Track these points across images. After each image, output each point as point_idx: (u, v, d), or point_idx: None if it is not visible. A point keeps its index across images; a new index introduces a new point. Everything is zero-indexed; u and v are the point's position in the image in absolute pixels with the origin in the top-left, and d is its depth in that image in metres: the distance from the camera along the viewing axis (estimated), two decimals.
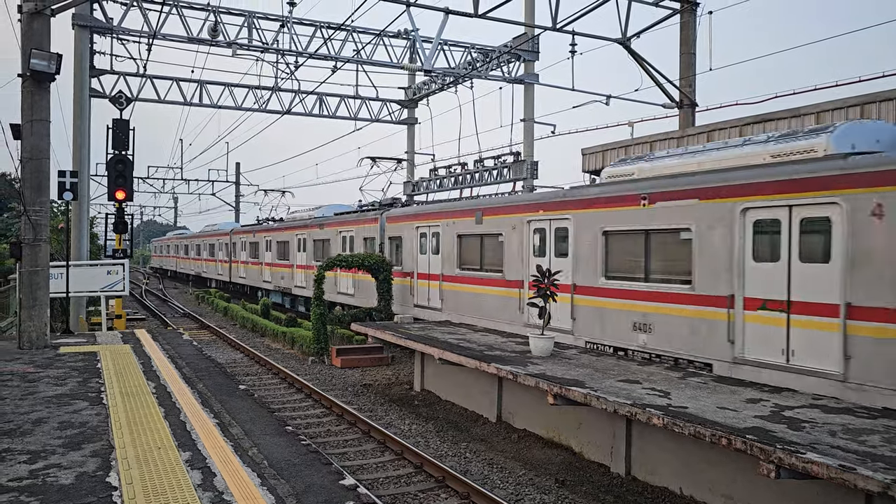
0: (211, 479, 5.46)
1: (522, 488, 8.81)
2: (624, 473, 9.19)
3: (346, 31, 22.50)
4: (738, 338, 8.90)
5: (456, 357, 11.08)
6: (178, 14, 20.94)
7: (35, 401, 8.07)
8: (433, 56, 20.76)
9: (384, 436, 10.77)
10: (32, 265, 11.85)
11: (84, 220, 22.00)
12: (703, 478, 8.17)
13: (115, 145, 17.86)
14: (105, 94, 22.95)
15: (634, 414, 7.45)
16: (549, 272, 10.76)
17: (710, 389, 8.35)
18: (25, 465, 5.72)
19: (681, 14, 18.46)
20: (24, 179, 11.85)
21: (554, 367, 9.87)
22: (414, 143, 30.91)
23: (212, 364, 11.36)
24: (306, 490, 5.42)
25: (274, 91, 26.53)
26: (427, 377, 14.61)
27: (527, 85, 24.50)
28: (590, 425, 9.96)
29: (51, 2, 11.72)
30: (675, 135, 12.97)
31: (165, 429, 6.92)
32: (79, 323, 20.18)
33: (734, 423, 6.72)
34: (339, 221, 23.44)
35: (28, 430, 6.80)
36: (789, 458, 5.77)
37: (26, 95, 11.66)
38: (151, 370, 10.31)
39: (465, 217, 15.58)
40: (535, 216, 12.89)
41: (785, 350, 8.35)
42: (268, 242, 31.09)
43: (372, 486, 8.76)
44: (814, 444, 6.02)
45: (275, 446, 6.62)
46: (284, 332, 21.63)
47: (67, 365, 10.55)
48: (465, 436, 11.30)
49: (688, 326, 9.69)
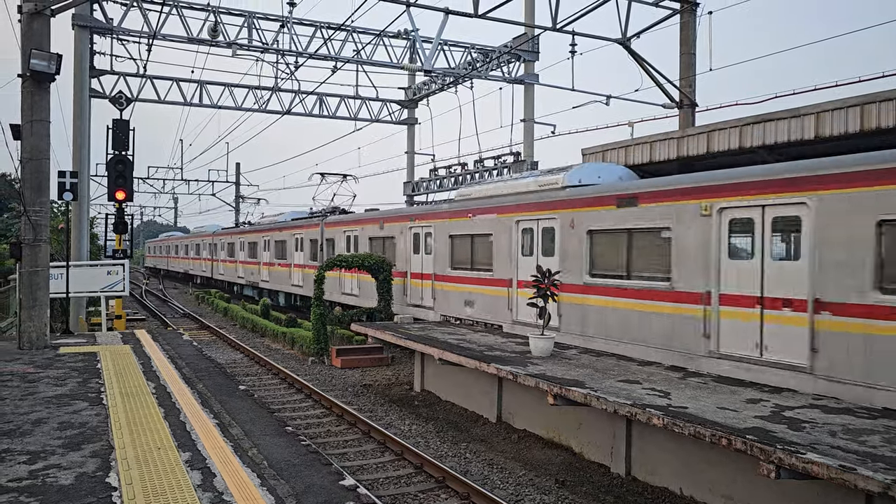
0: (211, 480, 5.46)
1: (522, 489, 8.81)
2: (624, 474, 9.19)
3: (346, 31, 22.50)
4: (514, 307, 13.75)
5: (456, 357, 11.08)
6: (178, 14, 20.95)
7: (35, 401, 8.07)
8: (433, 56, 20.75)
9: (384, 436, 10.77)
10: (32, 265, 11.85)
11: (84, 220, 22.00)
12: (703, 478, 8.17)
13: (115, 146, 17.85)
14: (105, 95, 22.96)
15: (634, 414, 7.45)
16: (550, 272, 10.76)
17: (710, 389, 8.35)
18: (25, 465, 5.71)
19: (681, 14, 18.44)
20: (24, 180, 11.84)
21: (554, 367, 9.87)
22: (414, 143, 30.94)
23: (212, 364, 11.35)
24: (306, 490, 5.42)
25: (274, 91, 26.54)
26: (427, 377, 14.60)
27: (527, 85, 24.50)
28: (590, 425, 9.96)
29: (51, 2, 11.72)
30: (675, 135, 12.95)
31: (165, 429, 6.92)
32: (79, 323, 20.18)
33: (734, 424, 6.72)
34: (292, 226, 27.80)
35: (28, 430, 6.80)
36: (789, 459, 5.77)
37: (26, 96, 11.66)
38: (151, 370, 10.31)
39: (373, 224, 20.87)
40: (414, 224, 18.07)
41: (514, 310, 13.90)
42: (241, 244, 35.44)
43: (372, 486, 8.76)
44: (814, 445, 6.02)
45: (275, 447, 6.61)
46: (284, 333, 21.63)
47: (67, 365, 10.55)
48: (465, 436, 11.30)
49: (492, 301, 14.49)
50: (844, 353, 7.76)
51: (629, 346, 10.77)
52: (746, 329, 8.90)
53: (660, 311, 10.21)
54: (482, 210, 14.98)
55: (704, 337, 9.45)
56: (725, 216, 9.27)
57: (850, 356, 7.69)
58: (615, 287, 11.12)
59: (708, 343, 9.40)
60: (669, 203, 10.15)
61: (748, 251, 9.00)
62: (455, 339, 12.79)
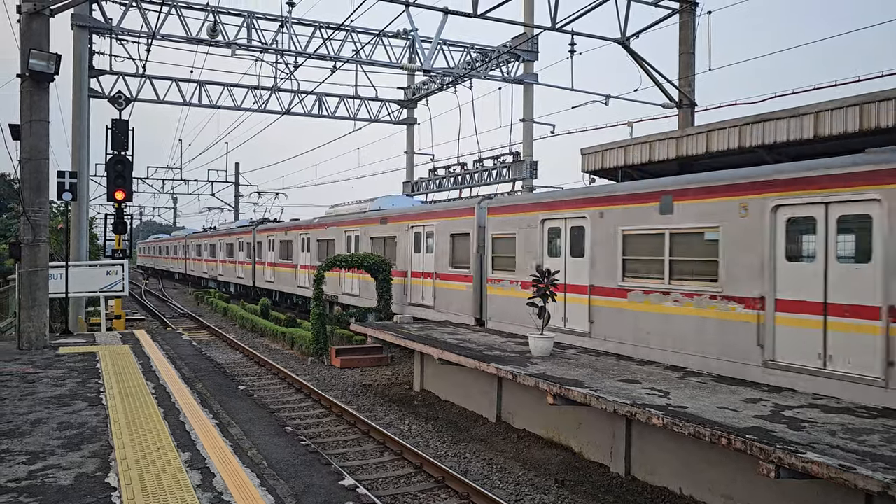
0: (210, 480, 5.46)
1: (522, 488, 8.81)
2: (624, 473, 9.19)
3: (345, 31, 22.48)
4: (410, 293, 18.28)
5: (455, 357, 11.07)
6: (178, 14, 20.93)
7: (34, 401, 8.06)
8: (432, 56, 20.74)
9: (384, 436, 10.76)
10: (32, 265, 11.84)
11: (83, 220, 21.97)
12: (702, 478, 8.17)
13: (115, 145, 17.84)
14: (104, 95, 22.94)
15: (634, 414, 7.45)
16: (549, 272, 10.76)
17: (709, 389, 8.35)
18: (24, 465, 5.71)
19: (680, 14, 18.45)
20: (23, 180, 11.83)
21: (553, 366, 9.87)
22: (413, 143, 30.93)
23: (211, 364, 11.34)
24: (306, 490, 5.41)
25: (273, 91, 26.53)
26: (426, 377, 14.60)
27: (526, 85, 24.49)
28: (589, 425, 9.96)
29: (50, 2, 11.71)
30: (674, 135, 12.95)
31: (165, 429, 6.92)
32: (78, 323, 20.15)
33: (734, 423, 6.72)
34: (237, 232, 37.09)
35: (27, 430, 6.79)
36: (789, 458, 5.77)
37: (25, 96, 11.64)
38: (151, 371, 10.30)
39: (320, 228, 24.89)
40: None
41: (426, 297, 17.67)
42: (206, 245, 45.69)
43: (371, 486, 8.76)
44: (813, 444, 6.02)
45: (274, 447, 6.60)
46: (284, 333, 21.62)
47: (67, 365, 10.54)
48: (464, 436, 11.30)
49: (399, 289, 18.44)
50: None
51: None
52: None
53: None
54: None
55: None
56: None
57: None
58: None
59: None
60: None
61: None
62: (454, 339, 12.79)
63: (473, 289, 15.52)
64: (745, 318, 8.89)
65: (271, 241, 30.36)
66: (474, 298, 15.50)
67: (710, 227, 9.56)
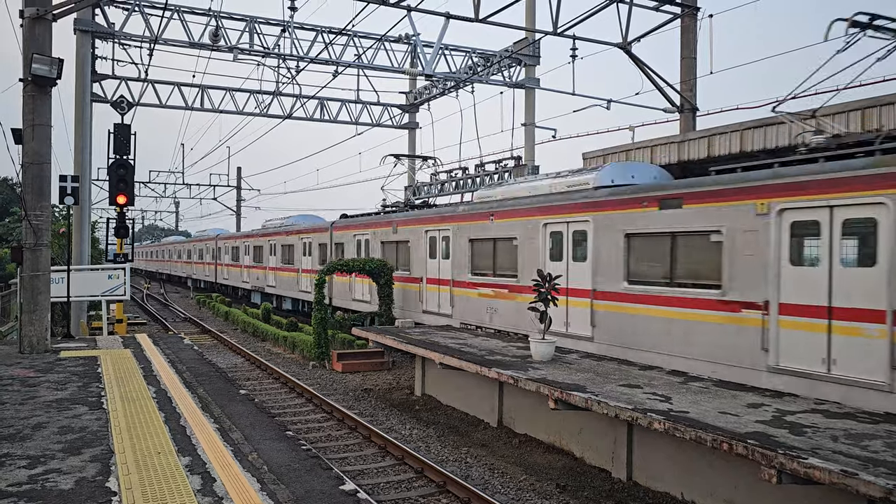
0: (211, 485, 5.45)
1: (523, 493, 8.79)
2: (625, 478, 9.16)
3: (347, 35, 22.54)
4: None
5: (457, 362, 11.06)
6: (180, 19, 21.00)
7: (35, 405, 8.05)
8: (434, 61, 20.79)
9: (385, 441, 10.74)
10: (33, 270, 11.85)
11: (85, 224, 22.02)
12: (704, 483, 8.14)
13: (117, 150, 17.83)
14: (106, 99, 23.01)
15: (636, 419, 7.43)
16: (551, 276, 10.74)
17: (711, 394, 8.33)
18: (25, 469, 5.70)
19: (681, 18, 18.46)
20: (25, 184, 11.85)
21: (555, 371, 9.85)
22: (415, 147, 30.96)
23: (212, 369, 11.34)
24: (306, 495, 5.40)
25: (275, 95, 26.58)
26: (428, 382, 14.58)
27: (528, 89, 24.53)
28: (591, 430, 9.93)
29: (52, 7, 11.75)
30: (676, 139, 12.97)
31: (165, 434, 6.91)
32: (80, 327, 20.18)
33: (735, 428, 6.70)
34: (199, 240, 46.23)
35: (28, 434, 6.79)
36: (791, 464, 5.75)
37: (27, 100, 11.67)
38: (152, 375, 10.30)
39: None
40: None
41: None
42: (185, 250, 53.69)
43: (372, 491, 8.73)
44: (815, 450, 5.99)
45: (275, 451, 6.60)
46: (285, 337, 21.62)
47: (68, 369, 10.53)
48: (465, 441, 11.28)
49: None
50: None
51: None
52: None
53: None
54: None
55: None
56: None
57: None
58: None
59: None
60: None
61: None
62: (456, 344, 12.77)
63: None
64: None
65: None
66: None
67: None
